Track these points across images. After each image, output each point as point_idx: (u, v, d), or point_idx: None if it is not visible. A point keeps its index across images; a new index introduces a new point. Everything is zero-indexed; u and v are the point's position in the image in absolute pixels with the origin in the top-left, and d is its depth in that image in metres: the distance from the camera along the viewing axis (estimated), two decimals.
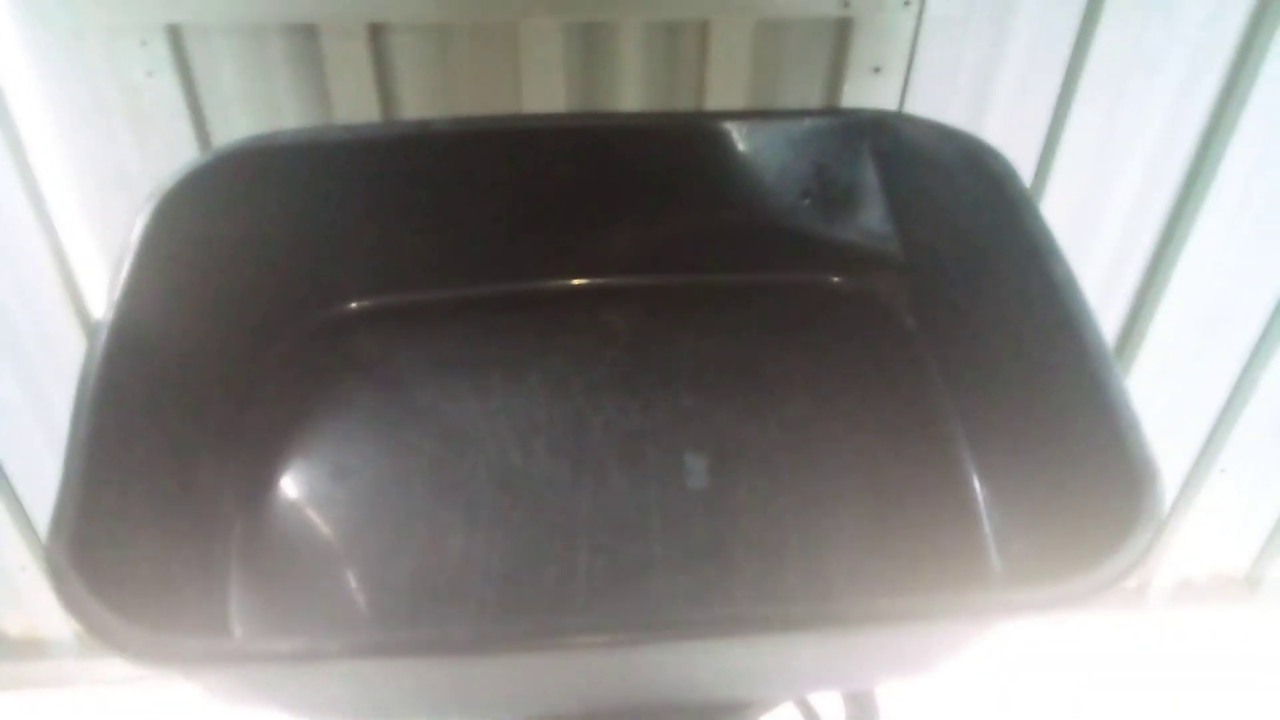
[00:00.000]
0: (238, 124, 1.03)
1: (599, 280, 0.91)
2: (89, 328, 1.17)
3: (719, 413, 0.82)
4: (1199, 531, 1.50)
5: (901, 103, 1.04)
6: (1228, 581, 1.60)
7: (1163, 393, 1.32)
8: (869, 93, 1.02)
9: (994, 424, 0.76)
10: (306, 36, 0.98)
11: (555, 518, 0.75)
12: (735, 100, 1.02)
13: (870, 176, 0.86)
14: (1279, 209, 1.14)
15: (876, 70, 1.01)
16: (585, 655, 0.54)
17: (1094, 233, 1.16)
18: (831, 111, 0.96)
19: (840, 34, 1.00)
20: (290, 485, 0.78)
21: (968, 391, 0.80)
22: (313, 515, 0.76)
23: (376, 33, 0.98)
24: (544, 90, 1.00)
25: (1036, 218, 0.74)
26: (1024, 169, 0.95)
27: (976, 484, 0.76)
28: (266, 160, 0.81)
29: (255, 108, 1.02)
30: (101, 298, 0.67)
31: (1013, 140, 0.87)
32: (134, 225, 0.73)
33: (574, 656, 0.55)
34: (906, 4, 0.97)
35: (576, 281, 0.91)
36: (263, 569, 0.73)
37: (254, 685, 0.57)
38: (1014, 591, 0.60)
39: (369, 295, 0.89)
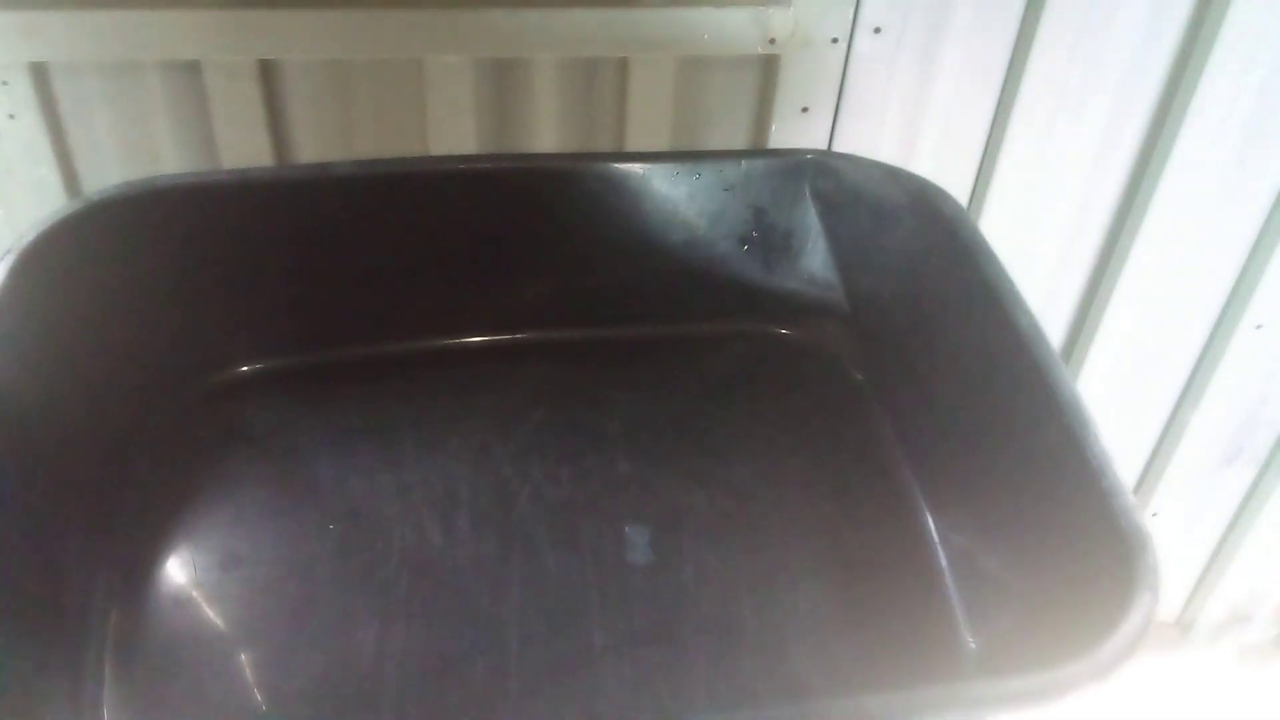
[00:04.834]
0: (111, 173, 0.95)
1: (520, 335, 0.84)
2: None
3: (659, 479, 0.76)
4: None
5: (831, 141, 1.00)
6: (1159, 626, 1.59)
7: None
8: (797, 132, 0.98)
9: (954, 481, 0.71)
10: (188, 74, 0.91)
11: (481, 605, 0.68)
12: (658, 142, 0.97)
13: (811, 220, 0.82)
14: (1211, 240, 1.13)
15: (804, 110, 0.97)
16: None
17: (1027, 272, 1.13)
18: (769, 152, 0.90)
19: (766, 72, 0.96)
20: (172, 576, 0.69)
21: (923, 447, 0.76)
22: (199, 611, 0.67)
23: (267, 70, 0.92)
24: (453, 132, 0.95)
25: (994, 263, 0.70)
26: None
27: (939, 548, 0.71)
28: (143, 208, 0.73)
29: (132, 154, 0.95)
30: None
31: (943, 178, 0.83)
32: None
33: None
34: (834, 41, 0.93)
35: (495, 337, 0.84)
36: (141, 675, 0.63)
37: None
38: (1006, 680, 0.54)
39: (261, 357, 0.81)
